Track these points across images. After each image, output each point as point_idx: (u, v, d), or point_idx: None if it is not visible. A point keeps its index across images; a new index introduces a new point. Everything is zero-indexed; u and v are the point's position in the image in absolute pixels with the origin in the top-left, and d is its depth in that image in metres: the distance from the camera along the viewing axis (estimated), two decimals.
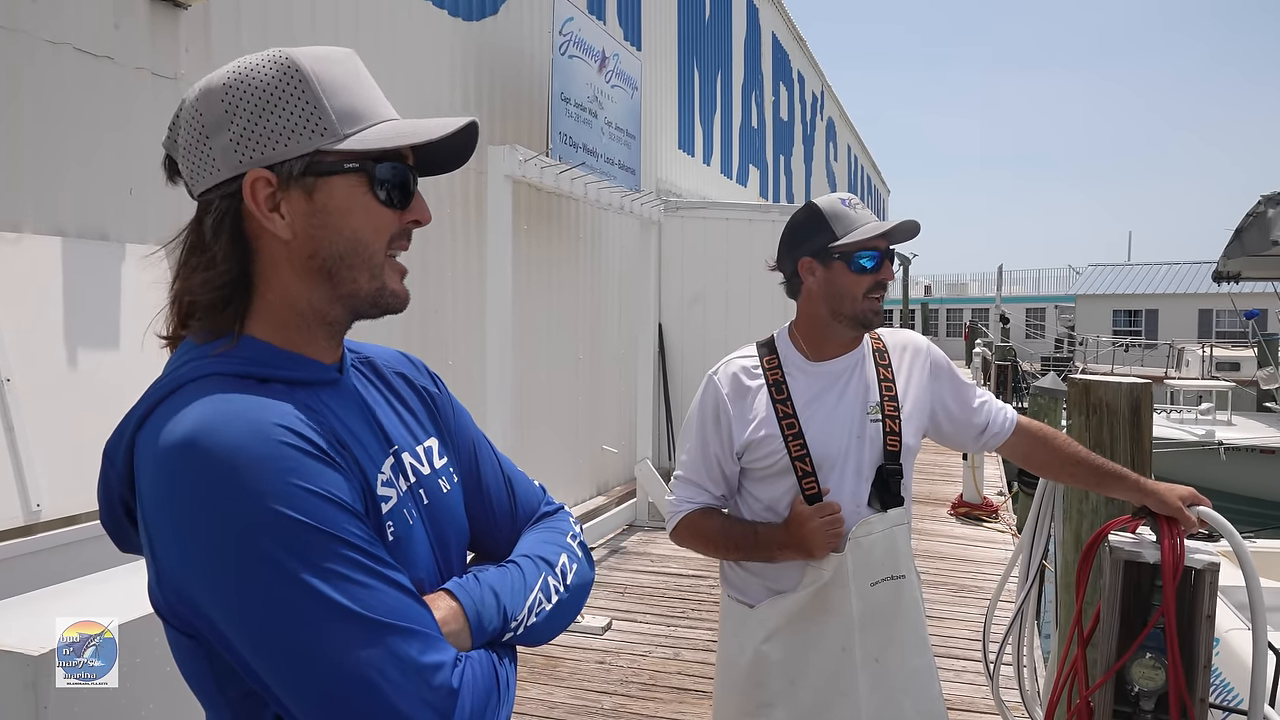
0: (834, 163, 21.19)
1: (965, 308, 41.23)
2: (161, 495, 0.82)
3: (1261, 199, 10.32)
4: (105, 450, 0.91)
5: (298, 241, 0.92)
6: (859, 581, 1.81)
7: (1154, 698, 1.95)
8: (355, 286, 0.93)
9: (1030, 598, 2.71)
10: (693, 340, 8.42)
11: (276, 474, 0.80)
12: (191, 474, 0.80)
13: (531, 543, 1.11)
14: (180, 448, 0.81)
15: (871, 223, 1.85)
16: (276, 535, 0.79)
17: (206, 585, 0.80)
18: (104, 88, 3.00)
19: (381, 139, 0.91)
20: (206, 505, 0.79)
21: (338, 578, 0.80)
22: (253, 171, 0.89)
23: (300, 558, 0.79)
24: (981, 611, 5.18)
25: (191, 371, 0.88)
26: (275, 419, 0.84)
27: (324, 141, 0.90)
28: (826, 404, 1.88)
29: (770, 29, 14.03)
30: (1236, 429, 10.74)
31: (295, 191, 0.90)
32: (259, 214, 0.90)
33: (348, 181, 0.91)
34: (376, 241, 0.93)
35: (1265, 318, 16.69)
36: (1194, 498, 1.97)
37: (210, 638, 0.83)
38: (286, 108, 0.89)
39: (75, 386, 2.70)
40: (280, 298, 0.93)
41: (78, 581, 2.26)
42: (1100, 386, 2.91)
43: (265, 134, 0.89)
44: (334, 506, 0.83)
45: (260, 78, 0.90)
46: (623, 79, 7.18)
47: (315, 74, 0.91)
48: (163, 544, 0.82)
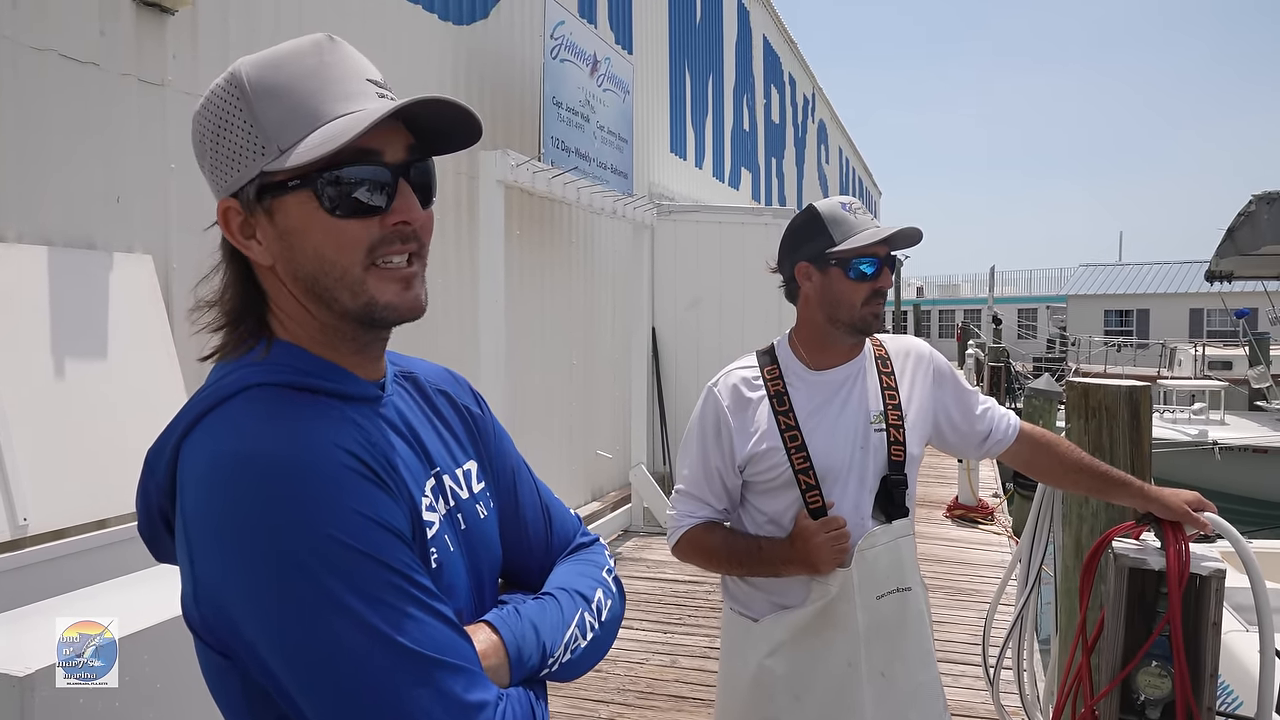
0: (825, 165, 21.21)
1: (957, 309, 41.32)
2: (209, 509, 0.79)
3: (1253, 198, 10.36)
4: (147, 459, 0.88)
5: (279, 265, 0.88)
6: (864, 595, 1.78)
7: (1160, 706, 1.93)
8: (341, 306, 0.88)
9: (1030, 603, 2.69)
10: (686, 344, 8.39)
11: (333, 497, 0.78)
12: (243, 489, 0.77)
13: (568, 575, 1.06)
14: (233, 461, 0.78)
15: (871, 228, 1.82)
16: (328, 560, 0.76)
17: (249, 605, 0.77)
18: (89, 95, 2.96)
19: (314, 147, 0.82)
20: (257, 523, 0.76)
21: (386, 608, 0.77)
22: (222, 201, 0.88)
23: (350, 585, 0.76)
24: (978, 615, 5.16)
25: (240, 380, 0.85)
26: (334, 439, 0.82)
27: (265, 161, 0.84)
28: (829, 415, 1.84)
29: (761, 31, 14.03)
30: (1230, 428, 10.77)
31: (260, 216, 0.87)
32: (236, 243, 0.88)
33: (298, 199, 0.85)
34: (345, 258, 0.86)
35: (1256, 317, 16.76)
36: (1199, 503, 1.95)
37: (246, 659, 0.80)
38: (231, 129, 0.85)
39: (62, 398, 2.66)
40: (292, 315, 0.90)
41: (65, 597, 2.22)
42: (1099, 389, 2.89)
43: (223, 159, 0.86)
44: (387, 534, 0.80)
45: (216, 99, 0.87)
46: (614, 82, 7.16)
47: (252, 85, 0.85)
48: (204, 559, 0.79)
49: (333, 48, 0.88)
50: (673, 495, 1.98)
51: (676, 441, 8.25)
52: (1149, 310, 30.61)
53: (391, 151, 0.87)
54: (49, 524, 2.55)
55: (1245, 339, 15.41)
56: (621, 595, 1.12)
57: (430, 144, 0.91)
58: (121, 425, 2.78)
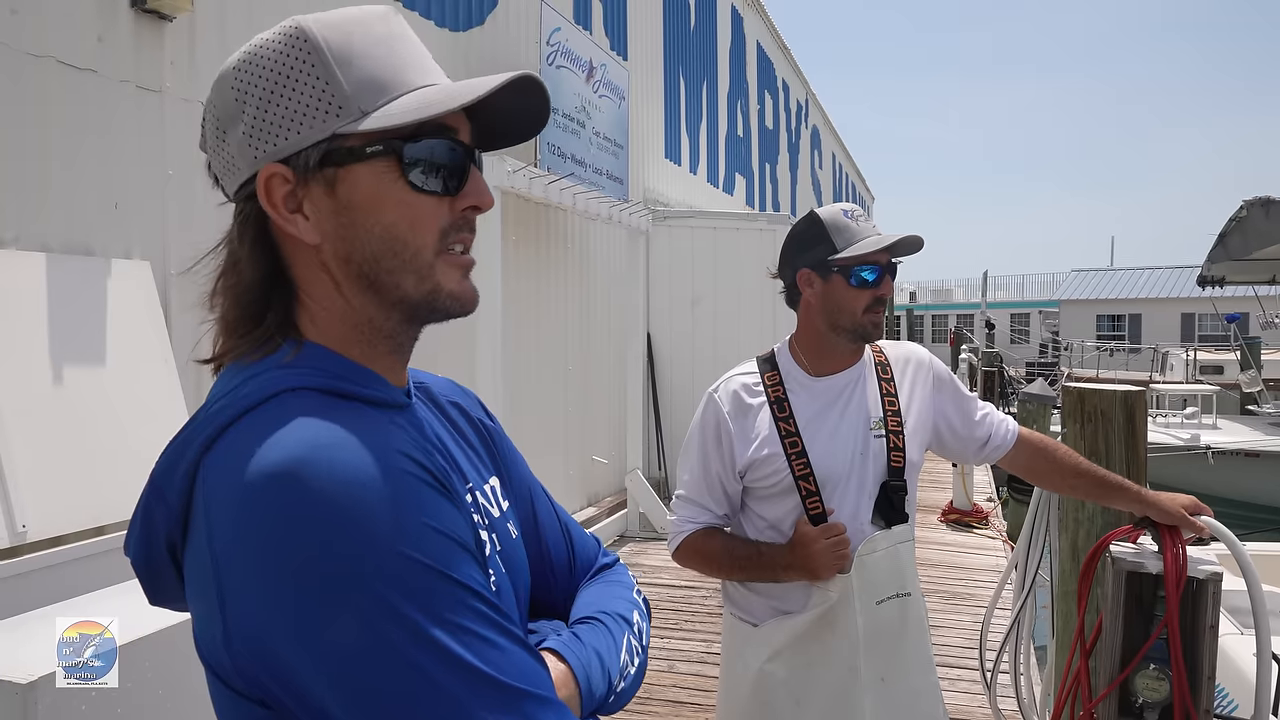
0: (819, 170, 21.27)
1: (951, 314, 41.44)
2: (247, 536, 0.66)
3: (1244, 203, 10.43)
4: (153, 480, 0.75)
5: (328, 245, 0.78)
6: (864, 600, 1.79)
7: (1158, 709, 1.94)
8: (402, 292, 0.79)
9: (1027, 607, 2.71)
10: (682, 350, 8.41)
11: (402, 510, 0.68)
12: (291, 509, 0.65)
13: (603, 598, 0.98)
14: (280, 477, 0.66)
15: (873, 236, 1.83)
16: (402, 583, 0.66)
17: (306, 643, 0.65)
18: (87, 101, 2.96)
19: (407, 111, 0.75)
20: (315, 547, 0.65)
21: (469, 635, 0.68)
22: (266, 167, 0.76)
23: (429, 611, 0.66)
24: (974, 619, 5.18)
25: (268, 385, 0.74)
26: (395, 444, 0.72)
27: (340, 123, 0.75)
28: (829, 421, 1.85)
29: (755, 38, 14.08)
30: (1222, 432, 10.82)
31: (316, 187, 0.76)
32: (277, 216, 0.77)
33: (373, 169, 0.76)
34: (419, 238, 0.78)
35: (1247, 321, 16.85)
36: (1196, 507, 1.96)
37: (294, 706, 0.68)
38: (296, 87, 0.75)
39: (60, 404, 2.65)
40: (325, 308, 0.80)
41: (65, 604, 2.22)
42: (1095, 395, 2.91)
43: (276, 121, 0.76)
44: (461, 550, 0.71)
45: (269, 55, 0.77)
46: (610, 89, 7.18)
47: (327, 41, 0.76)
48: (242, 595, 0.67)
49: (398, 21, 0.83)
50: (673, 501, 1.99)
51: (672, 447, 8.26)
52: (1141, 315, 30.78)
53: (464, 133, 0.81)
54: (48, 530, 2.55)
55: (1236, 343, 15.49)
56: (649, 612, 1.05)
57: (482, 136, 0.85)
58: (120, 431, 2.78)
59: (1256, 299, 13.25)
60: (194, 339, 2.86)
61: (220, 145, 0.79)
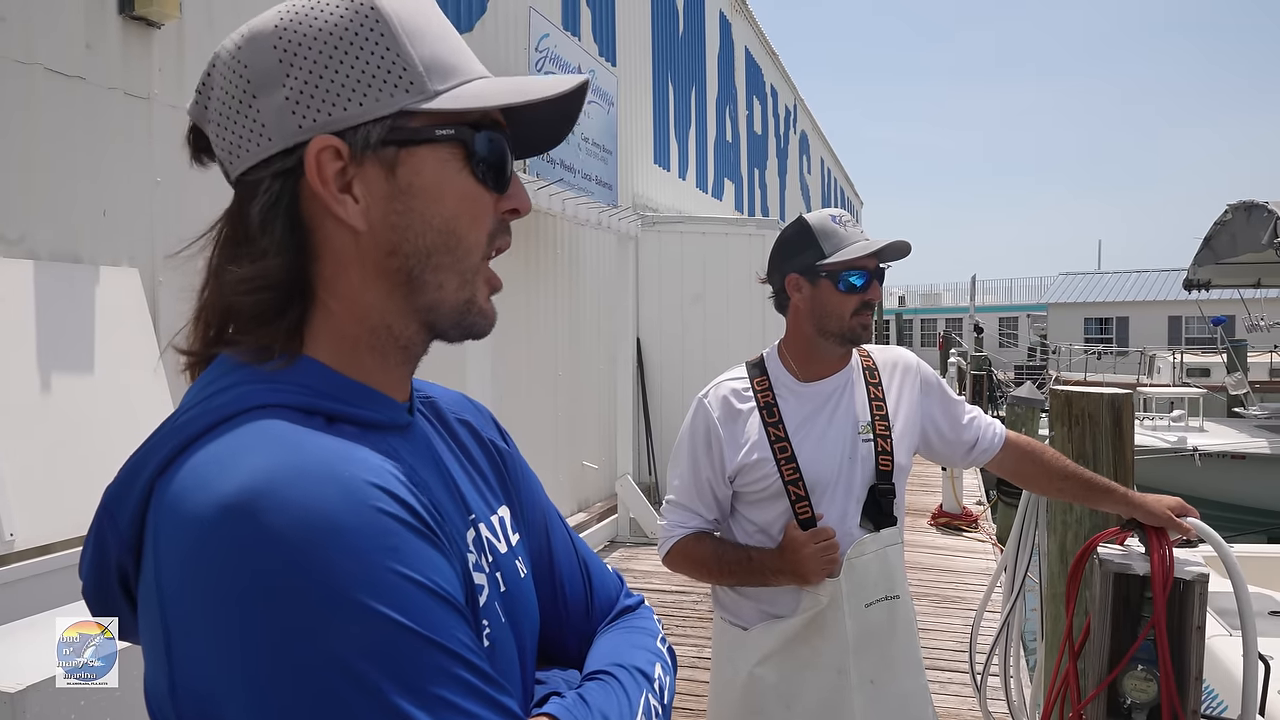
0: (808, 175, 21.34)
1: (939, 317, 41.60)
2: (196, 575, 0.57)
3: (1229, 207, 10.52)
4: (104, 501, 0.66)
5: (372, 233, 0.69)
6: (853, 603, 1.80)
7: (1146, 710, 1.95)
8: (440, 295, 0.72)
9: (1016, 610, 2.72)
10: (672, 355, 8.42)
11: (372, 555, 0.58)
12: (247, 546, 0.56)
13: (621, 648, 0.87)
14: (233, 508, 0.57)
15: (860, 241, 1.85)
16: (366, 642, 0.56)
17: (252, 703, 0.56)
18: (76, 108, 2.95)
19: (482, 96, 0.69)
20: (267, 593, 0.55)
21: (444, 707, 0.58)
22: (319, 139, 0.67)
23: (396, 676, 0.57)
24: (964, 622, 5.20)
25: (240, 399, 0.65)
26: (367, 475, 0.61)
27: (410, 99, 0.68)
28: (818, 426, 1.87)
29: (743, 43, 14.13)
30: (1208, 435, 10.89)
31: (371, 167, 0.68)
32: (326, 195, 0.67)
33: (439, 154, 0.70)
34: (474, 235, 0.72)
35: (1233, 324, 16.98)
36: (1182, 508, 1.98)
37: None
38: (360, 54, 0.67)
39: (48, 412, 2.64)
40: (347, 308, 0.71)
41: (52, 613, 2.20)
42: (1082, 398, 2.93)
43: (333, 89, 0.67)
44: (443, 604, 0.61)
45: (326, 17, 0.68)
46: (599, 95, 7.20)
47: (396, 12, 0.69)
48: (188, 641, 0.58)
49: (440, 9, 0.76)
50: (663, 505, 2.00)
51: (662, 452, 8.26)
52: (1128, 318, 30.96)
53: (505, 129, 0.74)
54: (35, 539, 2.53)
55: (1223, 346, 15.62)
56: (674, 663, 0.93)
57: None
58: (108, 439, 2.77)
59: (1242, 302, 13.36)
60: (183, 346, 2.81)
61: (240, 110, 0.69)
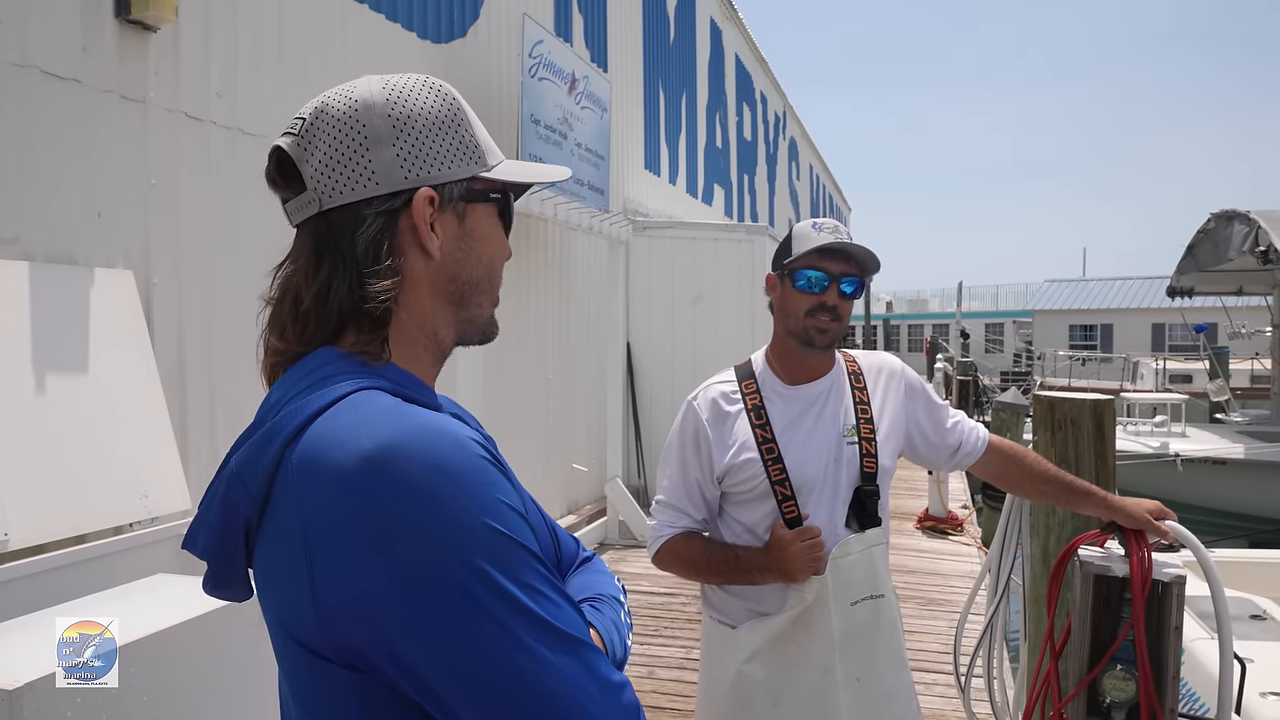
0: (796, 181, 21.44)
1: (926, 323, 41.80)
2: (345, 513, 0.76)
3: (1212, 216, 10.65)
4: (235, 470, 0.84)
5: (442, 263, 0.93)
6: (839, 602, 1.84)
7: (1125, 708, 2.00)
8: (479, 312, 0.98)
9: (1001, 611, 2.77)
10: (661, 358, 8.46)
11: (482, 487, 0.78)
12: (390, 487, 0.75)
13: (593, 583, 1.08)
14: (377, 461, 0.76)
15: (822, 241, 1.88)
16: (487, 550, 0.76)
17: (401, 608, 0.74)
18: (71, 110, 2.97)
19: (513, 173, 0.97)
20: (413, 521, 0.75)
21: (536, 594, 0.79)
22: (424, 189, 0.90)
23: (508, 573, 0.77)
24: (949, 624, 5.25)
25: (347, 383, 0.84)
26: (464, 431, 0.82)
27: (478, 169, 0.95)
28: (804, 428, 1.91)
29: (734, 51, 14.20)
30: (1190, 440, 10.99)
31: (449, 214, 0.93)
32: (423, 230, 0.91)
33: (488, 210, 0.97)
34: (500, 270, 1.00)
35: (1215, 331, 17.15)
36: (1160, 511, 2.03)
37: (386, 667, 0.77)
38: (452, 134, 0.94)
39: (43, 412, 2.65)
40: (413, 318, 0.93)
41: (48, 612, 2.22)
42: (1065, 403, 2.98)
43: (432, 155, 0.92)
44: (524, 521, 0.82)
45: (425, 101, 0.93)
46: (592, 100, 7.23)
47: (465, 109, 0.97)
48: (337, 568, 0.76)
49: None
50: (653, 505, 2.03)
51: (651, 455, 8.30)
52: (1113, 325, 31.21)
53: None
54: (30, 539, 2.54)
55: (1205, 353, 15.77)
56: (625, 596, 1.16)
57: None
58: (102, 440, 2.79)
59: (1224, 309, 13.51)
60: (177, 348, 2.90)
61: (352, 158, 0.89)
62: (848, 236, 1.91)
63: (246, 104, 3.71)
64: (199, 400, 3.42)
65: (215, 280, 3.49)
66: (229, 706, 2.09)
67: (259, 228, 3.70)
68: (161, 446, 2.98)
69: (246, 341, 3.64)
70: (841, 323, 1.91)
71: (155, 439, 2.97)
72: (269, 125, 3.80)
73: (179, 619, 1.99)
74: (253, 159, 3.70)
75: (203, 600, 2.11)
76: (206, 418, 3.45)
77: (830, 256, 1.88)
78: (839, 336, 1.93)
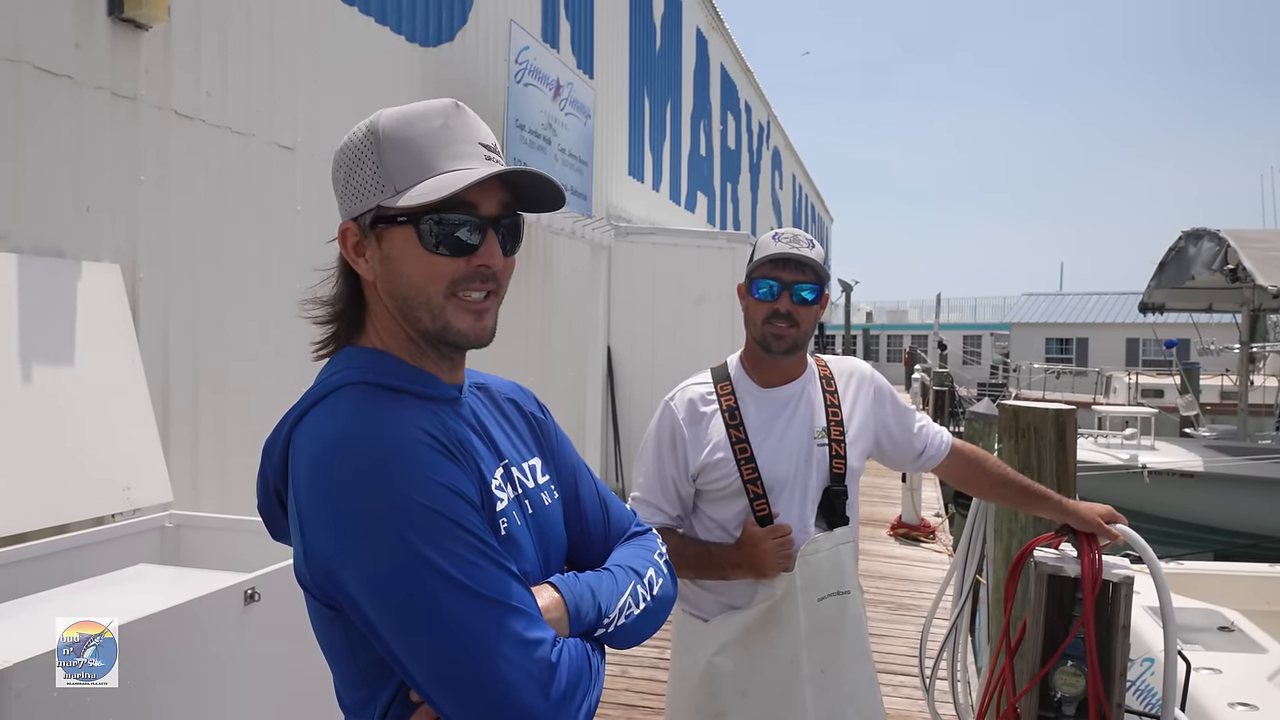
0: (779, 190, 21.60)
1: (905, 334, 42.14)
2: (312, 484, 0.96)
3: (1182, 234, 10.84)
4: (265, 447, 1.06)
5: (380, 282, 1.07)
6: (807, 597, 1.92)
7: (1075, 703, 2.09)
8: (421, 325, 1.06)
9: (965, 613, 2.85)
10: (641, 363, 8.52)
11: (412, 466, 0.95)
12: (338, 465, 0.95)
13: (623, 555, 1.23)
14: (332, 443, 0.96)
15: (774, 252, 1.95)
16: (409, 519, 0.92)
17: (348, 561, 0.93)
18: (62, 106, 3.01)
19: (424, 194, 1.01)
20: (353, 492, 0.93)
21: (457, 558, 0.93)
22: (344, 223, 1.07)
23: (427, 539, 0.92)
24: (918, 629, 5.33)
25: (338, 379, 1.04)
26: (412, 421, 1.00)
27: (382, 198, 1.03)
28: (776, 429, 1.99)
29: (719, 60, 14.33)
30: (1159, 453, 11.16)
31: (370, 240, 1.06)
32: (349, 256, 1.07)
33: (403, 233, 1.04)
34: (431, 287, 1.04)
35: (1186, 347, 17.43)
36: (1112, 515, 2.12)
37: (347, 608, 0.96)
38: (363, 167, 1.05)
39: (27, 404, 2.68)
40: (385, 327, 1.09)
41: (32, 598, 2.26)
42: (1028, 412, 3.08)
43: (351, 190, 1.06)
44: (457, 497, 0.96)
45: (355, 140, 1.06)
46: (576, 107, 7.31)
47: (386, 133, 1.04)
48: (311, 526, 0.96)
49: (457, 113, 1.08)
50: (629, 502, 2.10)
51: (630, 458, 8.35)
52: (1088, 339, 31.59)
53: (487, 205, 1.06)
54: (10, 528, 2.57)
55: (1176, 369, 16.02)
56: (673, 578, 1.27)
57: (523, 202, 1.11)
58: (85, 431, 2.82)
59: (1194, 326, 13.75)
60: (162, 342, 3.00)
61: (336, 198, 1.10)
62: (809, 245, 1.96)
63: (236, 104, 3.75)
64: (182, 393, 3.45)
65: (201, 275, 3.52)
66: (209, 690, 2.14)
67: (244, 225, 3.74)
68: (144, 439, 3.02)
69: (231, 336, 3.70)
70: (799, 328, 1.95)
71: (138, 431, 3.01)
72: (257, 125, 3.84)
73: (160, 606, 2.02)
74: (240, 158, 3.75)
75: (183, 589, 2.16)
76: (190, 410, 3.48)
77: (784, 265, 1.94)
78: (799, 342, 1.97)
